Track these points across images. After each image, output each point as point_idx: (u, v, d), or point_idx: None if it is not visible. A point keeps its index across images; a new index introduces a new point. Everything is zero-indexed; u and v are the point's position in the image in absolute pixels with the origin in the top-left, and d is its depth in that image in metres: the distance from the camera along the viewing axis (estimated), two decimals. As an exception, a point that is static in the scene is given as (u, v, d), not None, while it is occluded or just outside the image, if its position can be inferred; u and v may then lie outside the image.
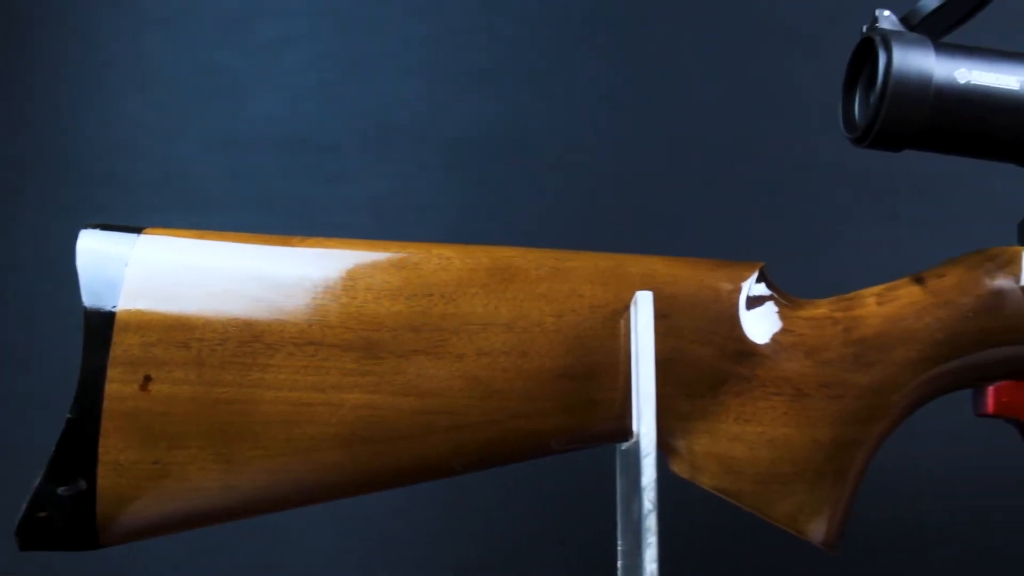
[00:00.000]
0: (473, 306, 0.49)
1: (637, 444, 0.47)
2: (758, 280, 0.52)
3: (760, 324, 0.51)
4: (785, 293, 0.53)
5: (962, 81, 0.53)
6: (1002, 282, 0.52)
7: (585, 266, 0.51)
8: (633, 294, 0.49)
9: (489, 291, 0.49)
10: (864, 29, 0.55)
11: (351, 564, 0.84)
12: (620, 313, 0.50)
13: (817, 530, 0.51)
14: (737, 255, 0.55)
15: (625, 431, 0.50)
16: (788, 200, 0.88)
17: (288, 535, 0.84)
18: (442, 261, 0.50)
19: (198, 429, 0.48)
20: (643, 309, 0.48)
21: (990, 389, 0.55)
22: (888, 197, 0.88)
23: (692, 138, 0.88)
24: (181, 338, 0.48)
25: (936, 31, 0.54)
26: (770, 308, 0.52)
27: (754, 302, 0.52)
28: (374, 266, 0.50)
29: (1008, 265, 0.53)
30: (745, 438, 0.50)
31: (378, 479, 0.51)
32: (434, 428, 0.49)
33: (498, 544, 0.85)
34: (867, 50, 0.54)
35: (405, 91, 0.88)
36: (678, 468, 0.51)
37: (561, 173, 0.87)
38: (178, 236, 0.51)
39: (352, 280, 0.50)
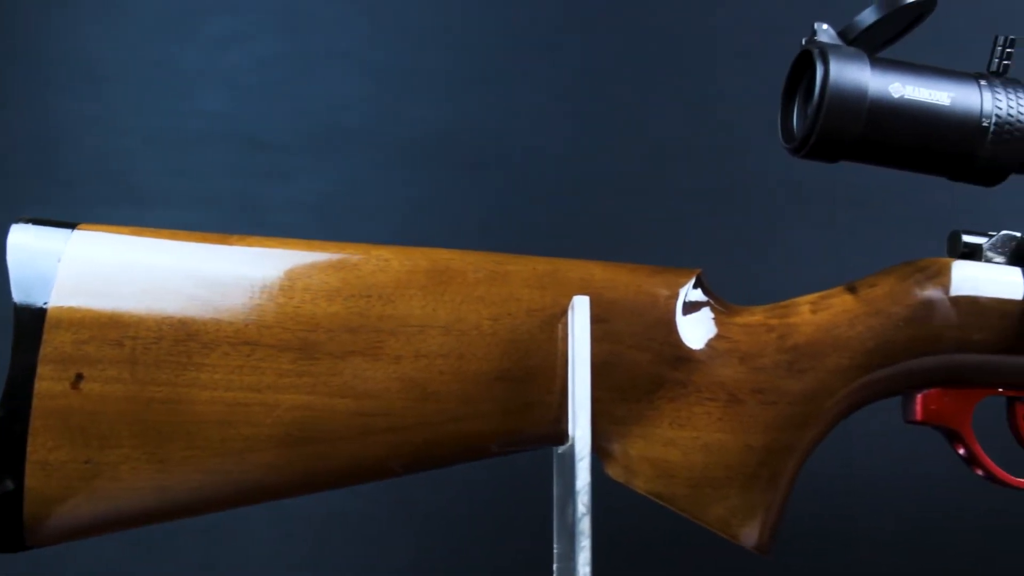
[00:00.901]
0: (411, 308, 0.49)
1: (572, 448, 0.48)
2: (695, 286, 0.53)
3: (696, 330, 0.52)
4: (722, 300, 0.54)
5: (896, 95, 0.54)
6: (931, 293, 0.54)
7: (523, 270, 0.51)
8: (571, 298, 0.50)
9: (427, 293, 0.49)
10: (803, 42, 0.56)
11: (289, 565, 0.84)
12: (558, 317, 0.50)
13: (749, 534, 0.52)
14: (677, 261, 0.55)
15: (561, 434, 0.50)
16: (729, 208, 0.89)
17: (226, 536, 0.83)
18: (380, 262, 0.50)
19: (131, 429, 0.47)
20: (580, 313, 0.48)
21: (919, 397, 0.56)
22: (826, 207, 0.90)
23: (636, 145, 0.89)
24: (115, 336, 0.47)
25: (872, 46, 0.56)
26: (706, 314, 0.52)
27: (690, 308, 0.52)
28: (312, 266, 0.50)
29: (937, 276, 0.54)
30: (679, 443, 0.51)
31: (315, 480, 0.51)
32: (370, 430, 0.49)
33: (438, 545, 0.85)
34: (805, 62, 0.55)
35: (354, 91, 0.87)
36: (613, 472, 0.52)
37: (506, 177, 0.88)
38: (114, 232, 0.50)
39: (290, 280, 0.49)
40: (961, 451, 0.58)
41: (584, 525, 0.47)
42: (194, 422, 0.48)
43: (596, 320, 0.49)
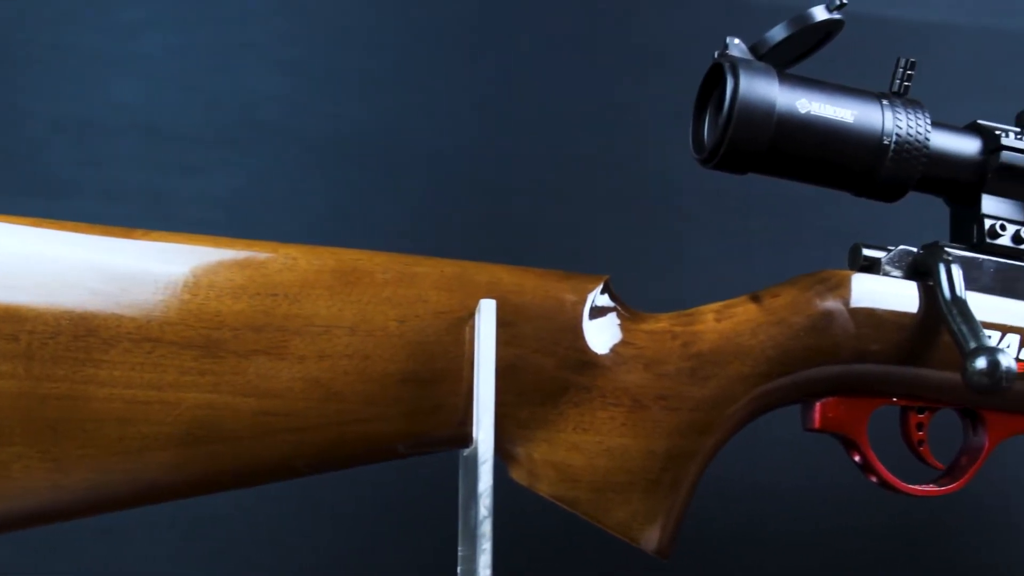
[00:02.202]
0: (317, 308, 0.49)
1: (475, 451, 0.48)
2: (602, 292, 0.53)
3: (602, 336, 0.52)
4: (628, 306, 0.55)
5: (803, 111, 0.55)
6: (831, 304, 0.55)
7: (432, 272, 0.51)
8: (478, 302, 0.50)
9: (334, 293, 0.49)
10: (715, 55, 0.57)
11: (194, 566, 0.82)
12: (465, 320, 0.50)
13: (650, 538, 0.53)
14: (588, 268, 0.56)
15: (466, 437, 0.50)
16: (641, 215, 0.90)
17: (129, 535, 0.81)
18: (288, 261, 0.49)
19: (24, 426, 0.46)
20: (486, 317, 0.48)
21: (817, 405, 0.57)
22: (738, 217, 0.92)
23: (550, 151, 0.90)
24: (9, 330, 0.46)
25: (782, 62, 0.57)
26: (612, 320, 0.53)
27: (597, 314, 0.53)
28: (218, 263, 0.49)
29: (837, 288, 0.56)
30: (583, 447, 0.51)
31: (216, 480, 0.50)
32: (273, 429, 0.49)
33: (346, 546, 0.84)
34: (717, 75, 0.56)
35: (269, 87, 0.86)
36: (517, 475, 0.52)
37: (419, 178, 0.87)
38: (12, 223, 0.49)
39: (195, 277, 0.49)
40: (857, 458, 0.59)
41: (486, 528, 0.47)
42: (91, 420, 0.47)
43: (502, 324, 0.50)
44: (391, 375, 0.49)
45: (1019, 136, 0.59)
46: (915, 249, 0.59)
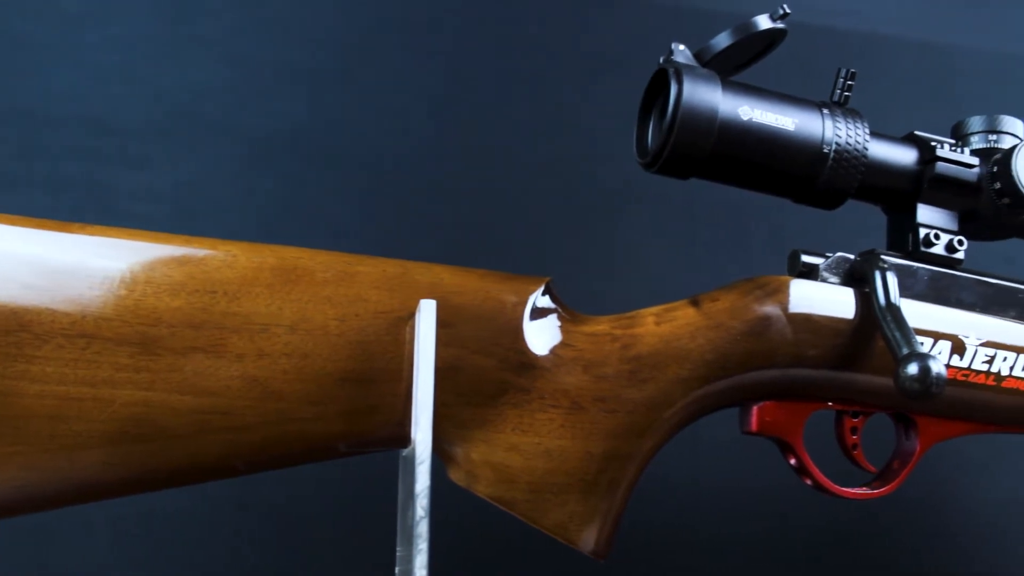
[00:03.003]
0: (256, 306, 0.48)
1: (413, 451, 0.48)
2: (544, 294, 0.54)
3: (542, 338, 0.52)
4: (569, 309, 0.55)
5: (745, 118, 0.56)
6: (769, 309, 0.56)
7: (373, 272, 0.51)
8: (418, 302, 0.50)
9: (273, 291, 0.49)
10: (661, 60, 0.57)
11: (130, 566, 0.81)
12: (405, 320, 0.50)
13: (587, 539, 0.53)
14: (532, 270, 0.56)
15: (405, 437, 0.50)
16: (586, 219, 0.91)
17: (58, 536, 0.80)
18: (227, 258, 0.49)
19: (-50, 422, 0.45)
20: (425, 317, 0.48)
21: (754, 408, 0.58)
22: (684, 222, 0.92)
23: (496, 152, 0.90)
24: (-63, 325, 0.45)
25: (725, 69, 0.58)
26: (553, 322, 0.53)
27: (538, 316, 0.53)
28: (156, 259, 0.48)
29: (775, 294, 0.56)
30: (521, 448, 0.51)
31: (152, 478, 0.50)
32: (210, 428, 0.48)
33: (283, 547, 0.83)
34: (661, 81, 0.57)
35: (217, 80, 0.85)
36: (455, 476, 0.52)
37: (364, 176, 0.87)
38: (-58, 215, 0.48)
39: (132, 272, 0.48)
40: (792, 461, 0.60)
41: (422, 528, 0.47)
42: (21, 416, 0.46)
43: (443, 324, 0.50)
44: (330, 374, 0.49)
45: (954, 148, 0.60)
46: (852, 256, 0.60)
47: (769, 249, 0.70)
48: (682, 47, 0.57)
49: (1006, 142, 0.62)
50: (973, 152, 0.61)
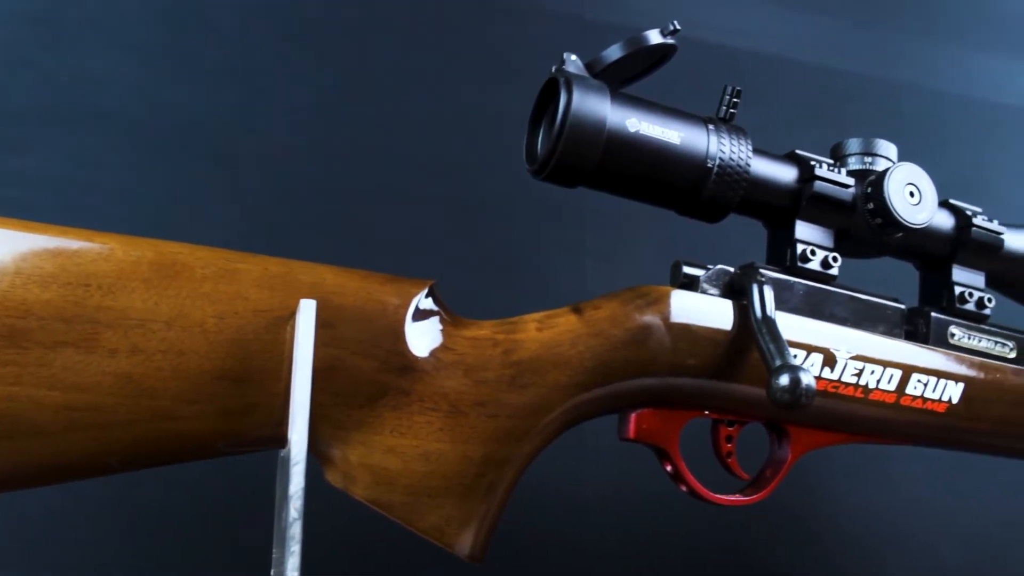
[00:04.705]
0: (132, 300, 0.47)
1: (288, 452, 0.47)
2: (427, 297, 0.53)
3: (423, 340, 0.52)
4: (452, 313, 0.55)
5: (632, 130, 0.57)
6: (649, 318, 0.57)
7: (254, 269, 0.50)
8: (299, 301, 0.49)
9: (150, 286, 0.48)
10: (553, 69, 0.58)
11: (2, 565, 0.78)
12: (286, 320, 0.49)
13: (463, 543, 0.53)
14: (418, 273, 0.56)
15: (283, 438, 0.49)
16: (477, 222, 0.91)
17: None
18: (103, 250, 0.48)
19: None
20: (304, 317, 0.48)
21: (632, 416, 0.59)
22: (573, 229, 0.93)
23: (389, 153, 0.90)
24: None
25: (616, 81, 0.58)
26: (435, 325, 0.53)
27: (420, 318, 0.53)
28: (27, 249, 0.47)
29: (656, 303, 0.57)
30: (400, 451, 0.51)
31: (20, 477, 0.48)
32: (80, 425, 0.47)
33: (164, 545, 0.81)
34: (552, 89, 0.57)
35: (107, 67, 0.83)
36: (332, 478, 0.51)
37: (253, 173, 0.86)
38: None
39: (0, 262, 0.46)
40: (668, 468, 0.61)
41: (295, 530, 0.46)
42: None
43: (323, 325, 0.49)
44: (207, 373, 0.48)
45: (832, 168, 0.63)
46: (732, 269, 0.61)
47: (658, 259, 0.71)
48: (574, 57, 0.58)
49: (880, 164, 0.65)
50: (849, 173, 0.64)
